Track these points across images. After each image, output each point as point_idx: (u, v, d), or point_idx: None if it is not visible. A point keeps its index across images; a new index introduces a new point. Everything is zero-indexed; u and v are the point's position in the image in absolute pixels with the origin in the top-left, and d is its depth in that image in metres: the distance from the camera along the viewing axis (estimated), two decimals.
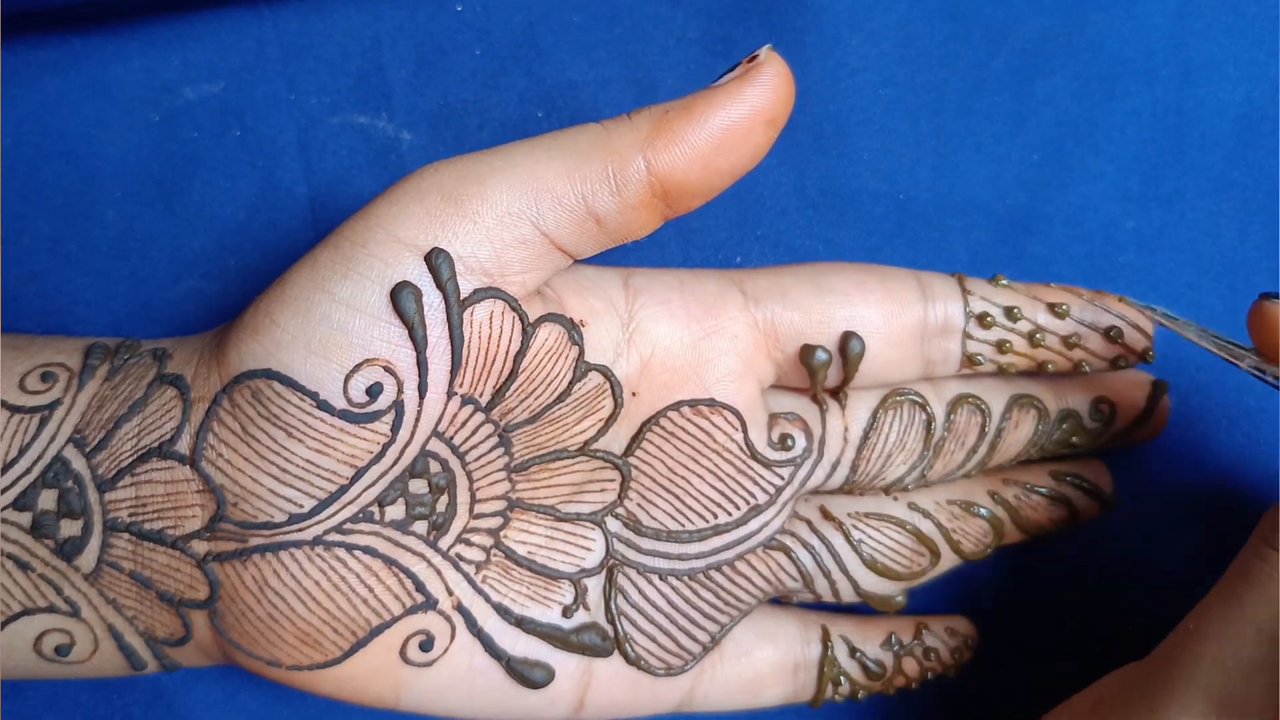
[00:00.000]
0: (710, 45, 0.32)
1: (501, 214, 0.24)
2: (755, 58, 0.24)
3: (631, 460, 0.28)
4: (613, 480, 0.28)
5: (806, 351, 0.28)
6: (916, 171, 0.33)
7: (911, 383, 0.29)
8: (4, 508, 0.25)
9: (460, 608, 0.26)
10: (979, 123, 0.33)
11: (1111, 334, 0.29)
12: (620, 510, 0.28)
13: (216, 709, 0.32)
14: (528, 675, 0.27)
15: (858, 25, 0.32)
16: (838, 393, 0.29)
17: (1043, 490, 0.31)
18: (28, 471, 0.25)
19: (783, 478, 0.28)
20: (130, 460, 0.25)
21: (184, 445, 0.25)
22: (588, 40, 0.32)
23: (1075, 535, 0.32)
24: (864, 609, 0.30)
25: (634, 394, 0.27)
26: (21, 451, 0.25)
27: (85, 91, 0.32)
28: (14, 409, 0.25)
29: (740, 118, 0.24)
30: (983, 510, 0.30)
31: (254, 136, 0.32)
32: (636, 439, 0.27)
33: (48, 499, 0.25)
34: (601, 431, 0.27)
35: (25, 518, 0.25)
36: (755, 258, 0.33)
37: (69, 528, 0.25)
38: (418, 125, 0.32)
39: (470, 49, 0.32)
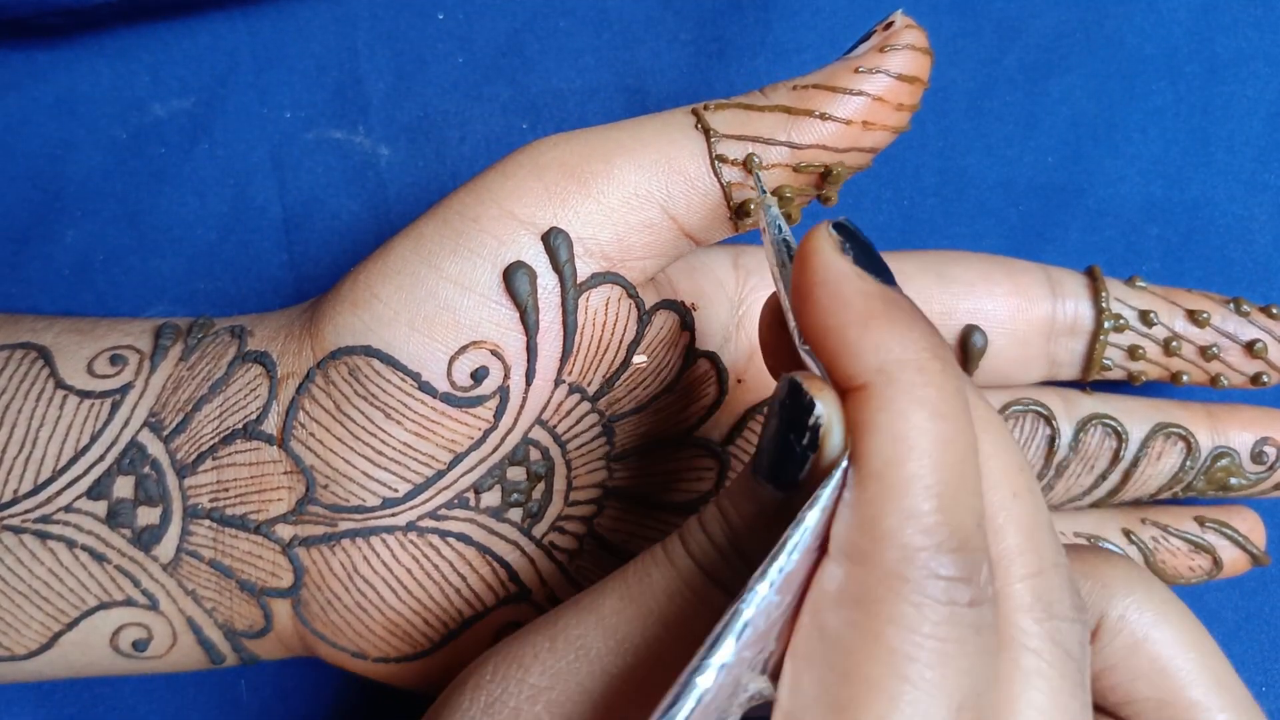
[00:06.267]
0: (704, 46, 0.31)
1: (628, 195, 0.23)
2: (890, 24, 0.24)
3: (731, 449, 0.26)
4: (710, 469, 0.26)
5: (966, 332, 0.27)
6: (922, 176, 0.32)
7: (1038, 392, 0.28)
8: (77, 497, 0.24)
9: (553, 599, 0.25)
10: (989, 124, 0.32)
11: (1255, 348, 0.28)
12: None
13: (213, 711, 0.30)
14: None
15: (858, 22, 0.31)
16: None
17: (1185, 535, 0.29)
18: (101, 459, 0.24)
19: None
20: (212, 443, 0.24)
21: (271, 425, 0.24)
22: (575, 46, 0.31)
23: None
24: None
25: (739, 381, 0.26)
26: (94, 438, 0.24)
27: (51, 109, 0.31)
28: (83, 394, 0.24)
29: (884, 89, 0.23)
30: (1113, 548, 0.28)
31: (225, 152, 0.31)
32: (738, 427, 0.26)
33: (124, 486, 0.24)
34: (703, 419, 0.26)
35: (100, 507, 0.24)
36: None
37: (146, 516, 0.24)
38: (396, 139, 0.31)
39: (452, 58, 0.31)
